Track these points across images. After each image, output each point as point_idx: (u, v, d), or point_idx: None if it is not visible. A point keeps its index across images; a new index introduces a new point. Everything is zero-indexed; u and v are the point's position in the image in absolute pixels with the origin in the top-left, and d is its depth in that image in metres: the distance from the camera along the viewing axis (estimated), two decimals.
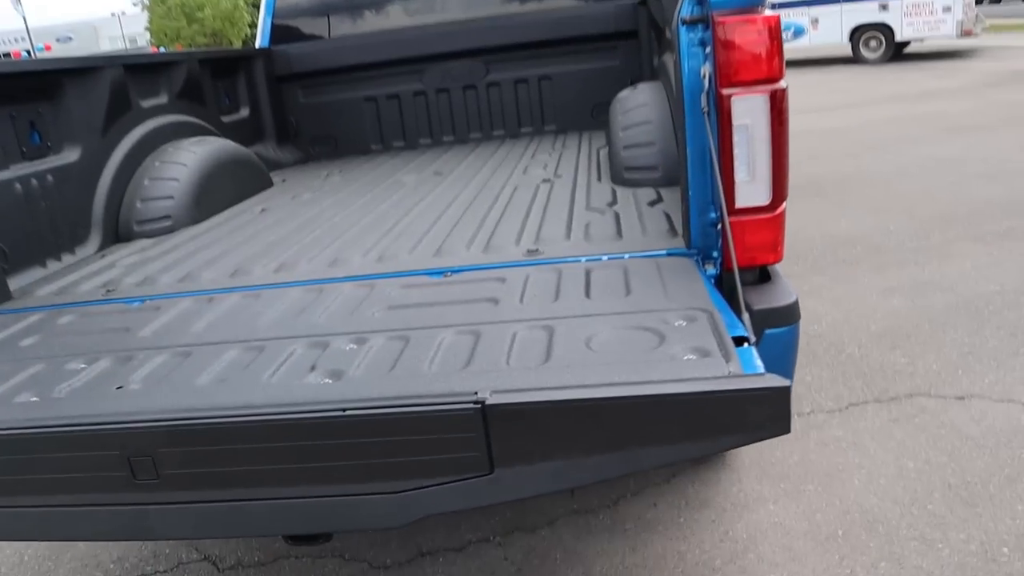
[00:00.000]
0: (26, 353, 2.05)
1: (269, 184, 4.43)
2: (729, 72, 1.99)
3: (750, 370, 1.44)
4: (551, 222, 2.75)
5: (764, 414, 1.36)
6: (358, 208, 3.49)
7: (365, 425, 1.44)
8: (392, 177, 4.21)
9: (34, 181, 3.07)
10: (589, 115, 5.12)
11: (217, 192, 3.83)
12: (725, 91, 2.01)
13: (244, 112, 4.99)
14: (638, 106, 3.37)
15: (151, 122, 3.87)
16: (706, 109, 2.01)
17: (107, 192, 3.45)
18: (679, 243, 2.33)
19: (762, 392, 1.34)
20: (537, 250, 2.41)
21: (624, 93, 3.59)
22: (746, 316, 1.74)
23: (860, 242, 5.94)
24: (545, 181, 3.54)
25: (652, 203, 2.85)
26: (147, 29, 47.25)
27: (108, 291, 2.62)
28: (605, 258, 2.28)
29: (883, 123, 10.59)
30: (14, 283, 2.88)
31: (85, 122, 3.39)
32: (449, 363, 1.64)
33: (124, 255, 3.15)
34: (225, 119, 4.71)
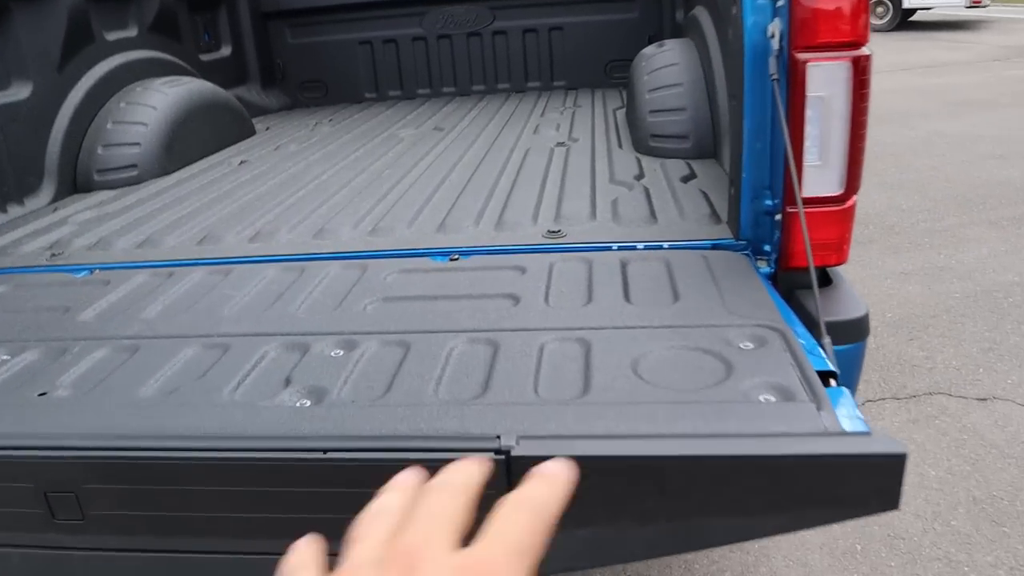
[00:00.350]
0: None
1: (251, 132, 4.04)
2: (807, 32, 1.64)
3: (853, 425, 1.12)
4: (572, 195, 2.41)
5: (869, 486, 1.05)
6: (349, 164, 3.12)
7: (352, 472, 1.11)
8: (387, 130, 3.83)
9: None
10: (602, 72, 4.73)
11: (191, 139, 3.45)
12: (800, 55, 1.66)
13: (225, 51, 4.56)
14: (667, 66, 3.01)
15: (117, 58, 3.46)
16: (775, 76, 1.67)
17: (63, 136, 3.06)
18: (724, 232, 2.00)
19: (873, 460, 1.03)
20: (559, 231, 2.08)
21: (650, 50, 3.22)
22: (828, 341, 1.41)
23: (873, 221, 5.67)
24: (560, 144, 3.18)
25: (685, 179, 2.51)
26: None
27: (53, 255, 2.26)
28: (641, 246, 1.94)
29: (890, 94, 10.24)
30: None
31: (38, 54, 2.99)
32: (461, 386, 1.31)
33: (79, 209, 2.78)
34: (204, 58, 4.29)
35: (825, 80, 1.68)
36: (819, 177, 1.75)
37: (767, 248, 1.89)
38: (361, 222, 2.31)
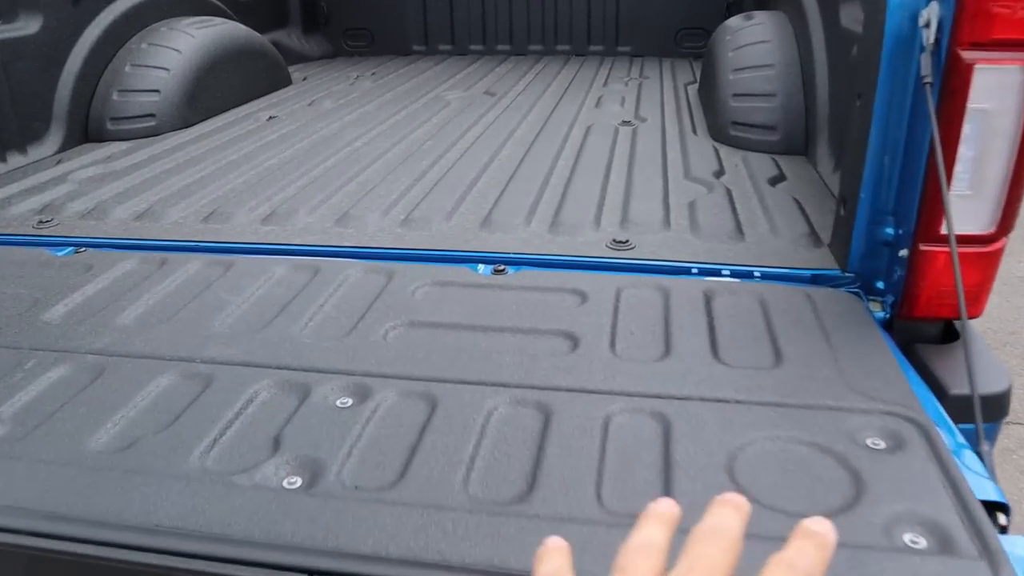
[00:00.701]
0: None
1: (286, 81, 3.70)
2: (980, 23, 1.26)
3: None
4: (641, 193, 2.05)
5: None
6: (387, 130, 2.78)
7: None
8: (434, 90, 3.47)
9: None
10: (672, 40, 4.30)
11: (218, 89, 3.12)
12: (966, 54, 1.28)
13: None
14: (756, 43, 2.61)
15: None
16: (928, 78, 1.29)
17: (75, 78, 2.75)
18: (826, 259, 1.63)
19: None
20: (627, 241, 1.72)
21: (735, 23, 2.81)
22: (987, 450, 1.06)
23: None
24: (625, 123, 2.81)
25: (773, 180, 2.14)
26: None
27: (41, 222, 1.97)
28: (726, 272, 1.59)
29: None
30: None
31: None
32: (499, 477, 0.99)
33: (83, 164, 2.48)
34: None
35: (994, 88, 1.29)
36: (966, 210, 1.37)
37: (881, 286, 1.52)
38: (392, 208, 1.97)
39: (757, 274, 1.59)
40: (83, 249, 1.79)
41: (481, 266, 1.63)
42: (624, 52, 4.39)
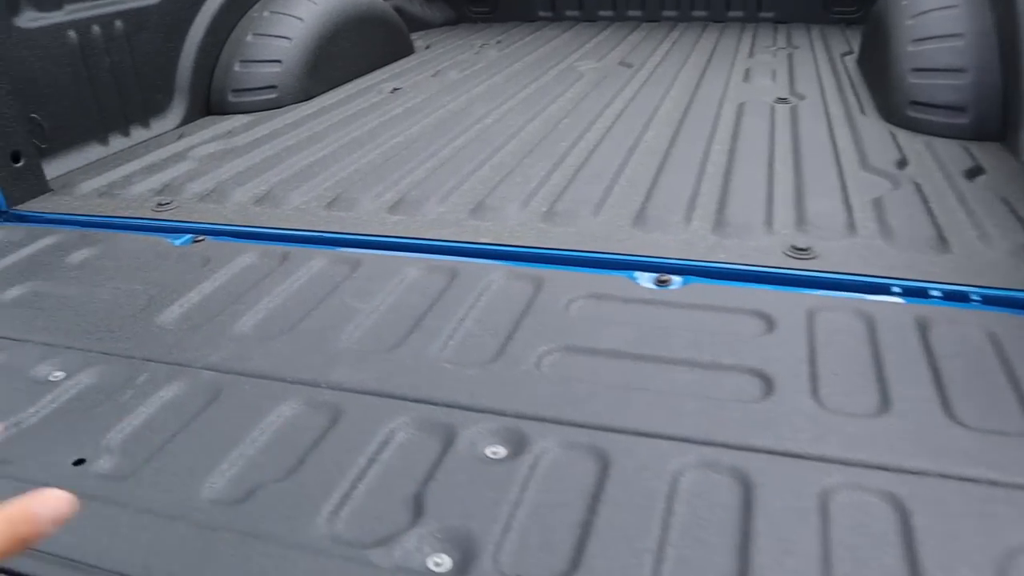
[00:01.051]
0: None
1: (409, 50, 3.53)
2: None
3: None
4: (814, 186, 1.77)
5: None
6: (518, 105, 2.56)
7: None
8: (565, 60, 3.23)
9: (96, 28, 2.29)
10: (819, 4, 3.90)
11: (340, 59, 2.97)
12: None
13: None
14: (940, 8, 2.25)
15: None
16: None
17: (197, 48, 2.64)
18: None
19: None
20: (808, 249, 1.46)
21: None
22: None
23: None
24: (781, 101, 2.50)
25: (970, 174, 1.81)
26: None
27: (160, 204, 1.85)
28: (936, 293, 1.31)
29: None
30: (58, 167, 2.16)
31: None
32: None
33: (204, 140, 2.37)
34: None
35: None
36: None
37: None
38: (532, 197, 1.76)
39: (976, 297, 1.30)
40: (201, 238, 1.65)
41: (640, 274, 1.40)
42: (767, 18, 4.02)
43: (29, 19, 2.13)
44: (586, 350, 1.18)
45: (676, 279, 1.38)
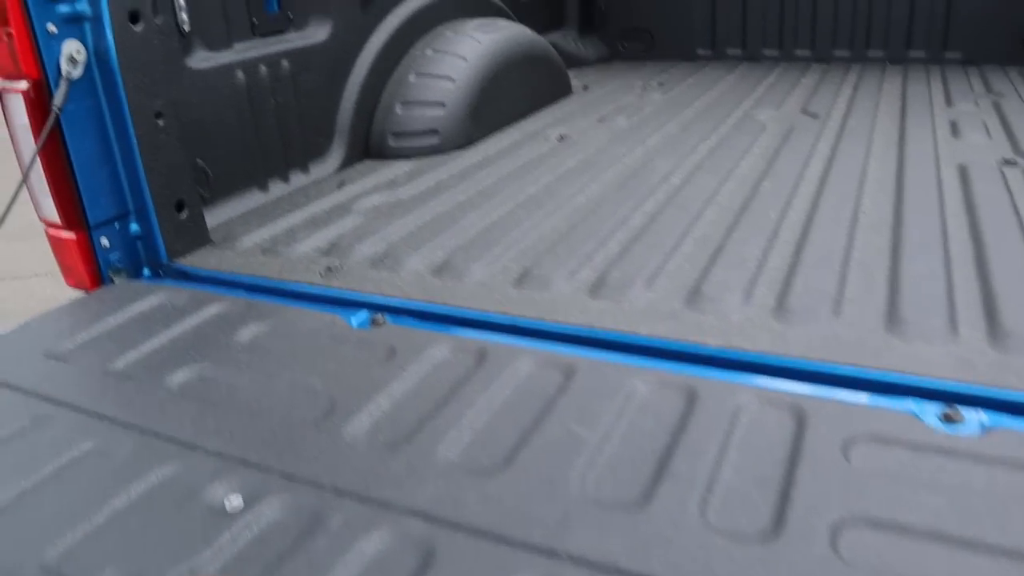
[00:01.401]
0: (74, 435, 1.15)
1: (567, 90, 3.33)
2: None
3: None
4: None
5: None
6: (704, 161, 2.31)
7: None
8: (739, 106, 2.95)
9: (263, 68, 2.17)
10: (1017, 41, 3.50)
11: (502, 101, 2.79)
12: None
13: None
14: None
15: None
16: None
17: (360, 88, 2.50)
18: None
19: None
20: None
21: None
22: None
23: None
24: (1009, 163, 2.16)
25: None
26: None
27: (329, 269, 1.68)
28: None
29: None
30: (218, 215, 2.04)
31: None
32: None
33: (366, 189, 2.21)
34: None
35: None
36: None
37: None
38: (755, 284, 1.50)
39: None
40: (380, 317, 1.46)
41: (921, 406, 1.12)
42: (953, 59, 3.64)
43: (201, 59, 2.02)
44: (893, 527, 0.90)
45: (968, 416, 1.09)
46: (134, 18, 1.68)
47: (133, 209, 1.80)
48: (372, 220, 1.96)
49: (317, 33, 2.38)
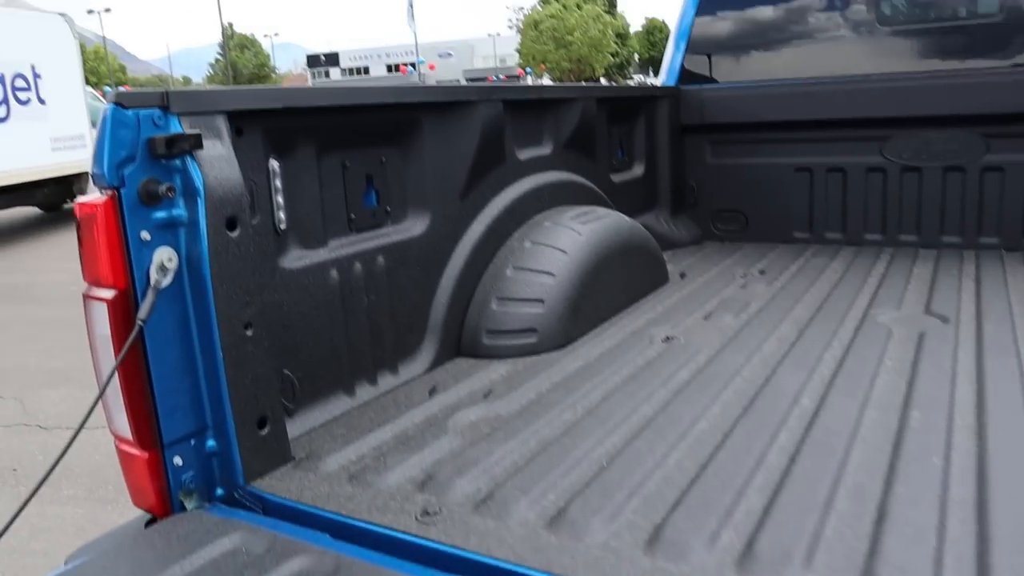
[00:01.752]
0: None
1: (664, 278, 3.16)
2: None
3: None
4: None
5: None
6: (833, 377, 2.06)
7: None
8: (854, 305, 2.72)
9: (358, 265, 2.05)
10: None
11: (602, 295, 2.63)
12: None
13: (638, 170, 3.80)
14: None
15: (527, 181, 2.77)
16: None
17: (455, 282, 2.37)
18: None
19: None
20: None
21: None
22: None
23: None
24: None
25: None
26: (517, 51, 49.81)
27: (426, 513, 1.46)
28: None
29: None
30: (301, 425, 1.86)
31: (442, 177, 2.35)
32: None
33: (461, 399, 2.02)
34: (615, 178, 3.54)
35: None
36: None
37: None
38: (941, 565, 1.22)
39: None
40: None
41: None
42: None
43: (294, 259, 1.90)
44: None
45: None
46: (231, 224, 1.58)
47: (211, 424, 1.63)
48: (471, 443, 1.75)
49: (415, 226, 2.27)
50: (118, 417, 1.59)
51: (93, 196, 1.50)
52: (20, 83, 11.44)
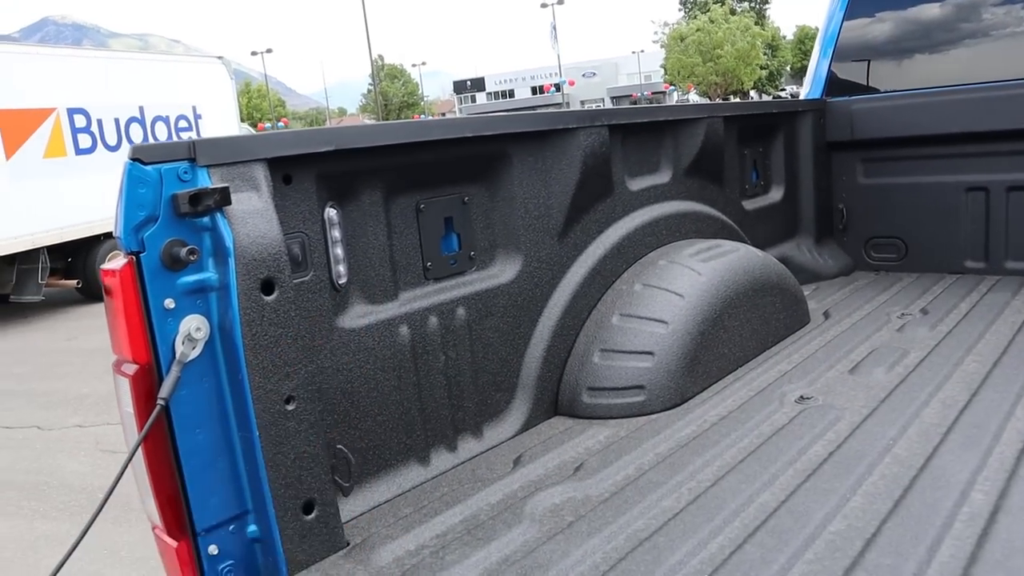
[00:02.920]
0: None
1: (804, 319, 2.76)
2: None
3: None
4: None
5: None
6: (1020, 464, 1.63)
7: None
8: None
9: (433, 319, 1.82)
10: None
11: (725, 344, 2.28)
12: None
13: (776, 194, 3.39)
14: None
15: (640, 214, 2.46)
16: None
17: (551, 332, 2.10)
18: None
19: None
20: None
21: None
22: None
23: None
24: None
25: None
26: (662, 66, 49.05)
27: None
28: None
29: None
30: (364, 500, 1.65)
31: (535, 216, 2.09)
32: None
33: (548, 474, 1.74)
34: (748, 205, 3.16)
35: None
36: None
37: None
38: None
39: None
40: None
41: None
42: None
43: (356, 316, 1.69)
44: None
45: None
46: (268, 288, 1.38)
47: (252, 508, 1.44)
48: (548, 536, 1.47)
49: (504, 272, 2.02)
50: (147, 501, 1.42)
51: (115, 261, 1.34)
52: (183, 123, 12.16)
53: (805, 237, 3.49)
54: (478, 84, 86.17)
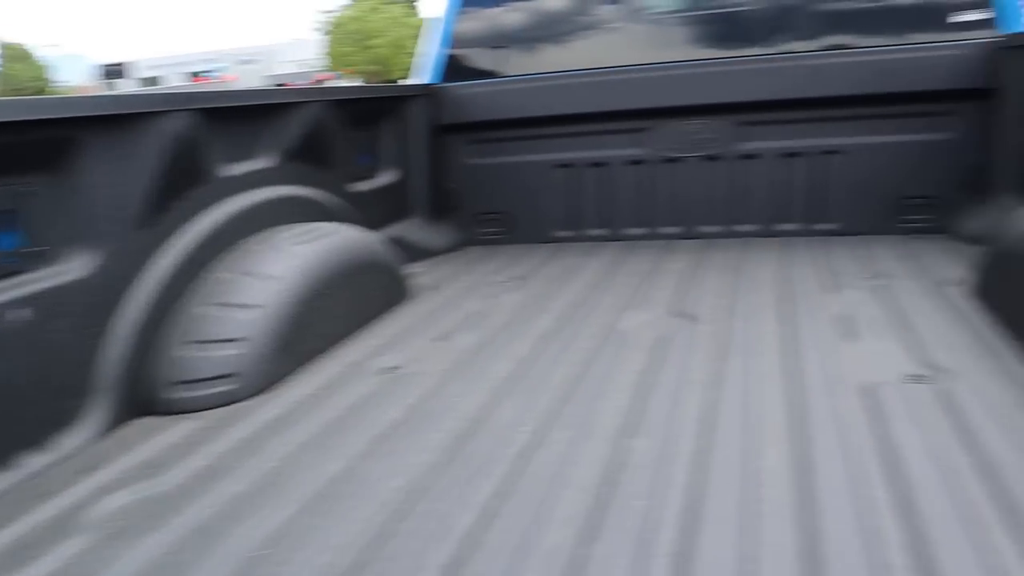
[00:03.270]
0: None
1: (402, 296, 2.89)
2: None
3: None
4: None
5: None
6: (560, 405, 1.87)
7: None
8: (601, 311, 2.58)
9: None
10: (893, 213, 3.36)
11: (320, 324, 2.33)
12: None
13: (387, 177, 3.52)
14: None
15: (236, 200, 2.43)
16: None
17: (137, 329, 2.00)
18: None
19: None
20: None
21: None
22: None
23: None
24: (915, 378, 1.82)
25: None
26: (327, 54, 48.39)
27: None
28: None
29: None
30: None
31: (113, 206, 1.97)
32: None
33: (112, 480, 1.66)
34: (357, 187, 3.25)
35: None
36: None
37: None
38: None
39: None
40: None
41: None
42: (823, 230, 3.46)
43: None
44: None
45: None
46: None
47: None
48: (104, 541, 1.40)
49: (77, 268, 1.88)
50: None
51: None
52: None
53: (418, 216, 3.67)
54: (124, 70, 78.73)
